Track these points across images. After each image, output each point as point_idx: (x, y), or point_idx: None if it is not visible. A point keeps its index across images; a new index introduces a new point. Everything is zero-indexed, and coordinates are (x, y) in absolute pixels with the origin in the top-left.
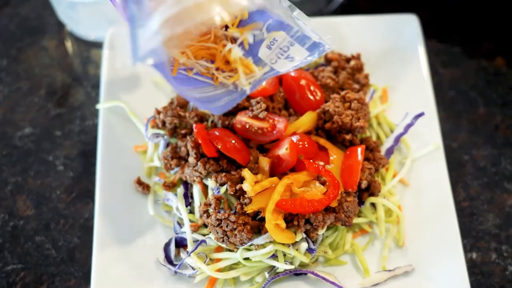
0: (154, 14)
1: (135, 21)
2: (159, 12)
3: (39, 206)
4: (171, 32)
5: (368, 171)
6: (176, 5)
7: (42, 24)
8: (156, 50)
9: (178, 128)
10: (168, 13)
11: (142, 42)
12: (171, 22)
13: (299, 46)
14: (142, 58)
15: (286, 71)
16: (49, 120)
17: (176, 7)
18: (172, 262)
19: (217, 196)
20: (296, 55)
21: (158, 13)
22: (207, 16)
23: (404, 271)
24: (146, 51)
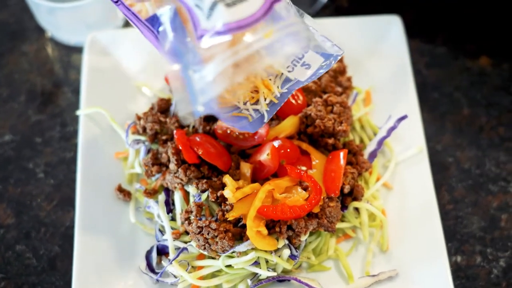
0: (209, 63)
1: (189, 67)
2: (216, 62)
3: (20, 214)
4: (230, 82)
5: (351, 176)
6: (232, 57)
7: (21, 29)
8: (213, 100)
9: (159, 134)
10: (225, 65)
11: (199, 92)
12: (229, 73)
13: (313, 52)
14: (203, 110)
15: (306, 81)
16: (29, 127)
17: (233, 57)
18: (154, 270)
19: (198, 203)
20: (312, 61)
21: (214, 62)
22: (263, 65)
23: (388, 276)
24: (205, 101)
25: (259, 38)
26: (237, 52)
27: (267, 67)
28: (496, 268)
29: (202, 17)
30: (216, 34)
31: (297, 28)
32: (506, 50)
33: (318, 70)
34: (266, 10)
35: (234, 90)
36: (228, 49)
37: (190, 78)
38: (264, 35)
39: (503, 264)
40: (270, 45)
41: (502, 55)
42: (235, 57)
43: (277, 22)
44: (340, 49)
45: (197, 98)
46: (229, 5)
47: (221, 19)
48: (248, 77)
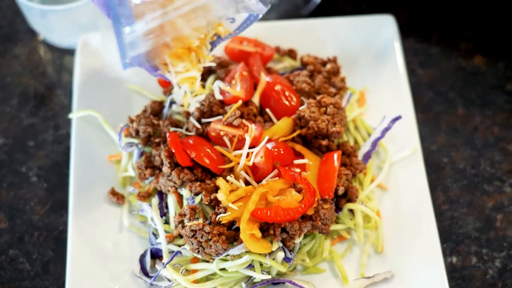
0: (140, 20)
1: (119, 20)
2: (146, 20)
3: (13, 218)
4: (156, 42)
5: (345, 177)
6: (162, 16)
7: (13, 31)
8: (142, 56)
9: (152, 136)
10: (155, 23)
11: (128, 46)
12: (158, 31)
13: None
14: (130, 63)
15: (230, 35)
16: (22, 130)
17: (162, 18)
18: (148, 274)
19: (191, 206)
20: (237, 16)
21: (144, 20)
22: (192, 27)
23: (383, 278)
24: (133, 55)
25: (188, 0)
26: (168, 12)
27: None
28: (492, 269)
29: None
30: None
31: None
32: (500, 48)
33: (242, 25)
34: None
35: (161, 49)
36: (159, 8)
37: (121, 32)
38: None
39: (499, 265)
40: (199, 8)
41: (496, 54)
42: (165, 16)
43: None
44: (265, 6)
45: (126, 51)
46: None
47: None
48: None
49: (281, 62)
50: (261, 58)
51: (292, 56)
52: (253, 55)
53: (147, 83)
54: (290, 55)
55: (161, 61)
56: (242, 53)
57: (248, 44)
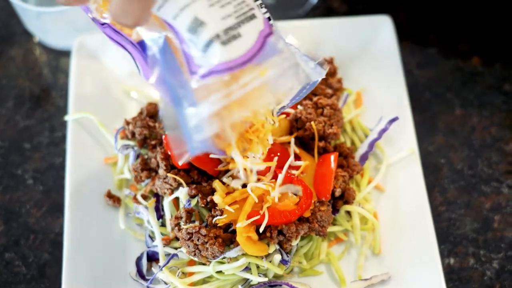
0: (204, 101)
1: (181, 102)
2: (211, 100)
3: (9, 221)
4: (223, 123)
5: (342, 179)
6: (228, 96)
7: (8, 33)
8: (209, 139)
9: (148, 139)
10: (221, 103)
11: (193, 130)
12: (224, 113)
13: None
14: (198, 147)
15: (289, 104)
16: (18, 132)
17: (228, 98)
18: (144, 276)
19: (188, 208)
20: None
21: (209, 101)
22: (260, 105)
23: (380, 280)
24: (200, 139)
25: (254, 76)
26: (233, 92)
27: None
28: (490, 270)
29: (196, 52)
30: (212, 73)
31: (292, 61)
32: (498, 49)
33: (300, 92)
34: (260, 45)
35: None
36: (223, 88)
37: (184, 113)
38: (260, 73)
39: (496, 266)
40: (266, 82)
41: (494, 54)
42: (230, 97)
43: (271, 57)
44: (323, 70)
45: (192, 135)
46: (225, 43)
47: (217, 58)
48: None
49: None
50: None
51: None
52: None
53: (143, 85)
54: None
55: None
56: None
57: None
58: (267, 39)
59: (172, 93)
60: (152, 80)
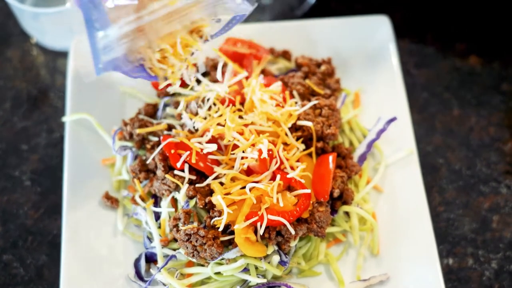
0: (114, 24)
1: (93, 24)
2: (119, 24)
3: (6, 223)
4: (132, 45)
5: (340, 179)
6: (136, 21)
7: (6, 34)
8: (118, 59)
9: (146, 139)
10: (129, 27)
11: (102, 51)
12: (132, 35)
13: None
14: (104, 68)
15: (216, 35)
16: (15, 134)
17: (137, 22)
18: (143, 278)
19: (186, 210)
20: (222, 15)
21: (118, 25)
22: (168, 30)
23: (379, 280)
24: (107, 60)
25: (164, 3)
26: (142, 17)
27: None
28: (488, 270)
29: None
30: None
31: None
32: (495, 48)
33: (227, 24)
34: None
35: (138, 51)
36: (133, 12)
37: (94, 36)
38: (170, 1)
39: (495, 266)
40: (175, 12)
41: (492, 54)
42: (139, 21)
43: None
44: (250, 5)
45: (99, 56)
46: None
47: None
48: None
49: (276, 63)
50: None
51: (287, 57)
52: (247, 56)
53: (140, 86)
54: (284, 56)
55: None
56: (236, 55)
57: (242, 45)
58: None
59: (85, 15)
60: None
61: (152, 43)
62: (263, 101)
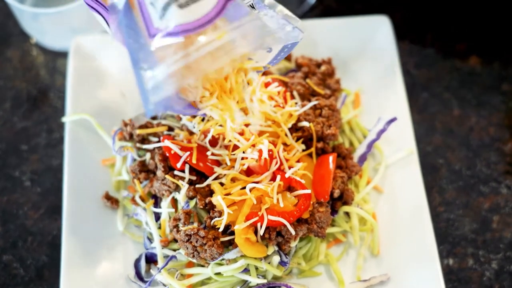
0: (161, 63)
1: (140, 65)
2: (167, 63)
3: (6, 223)
4: (180, 84)
5: (340, 180)
6: (184, 58)
7: (5, 35)
8: (168, 98)
9: (146, 140)
10: (177, 65)
11: (150, 92)
12: (180, 74)
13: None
14: (155, 109)
15: (268, 64)
16: (15, 134)
17: (184, 60)
18: (143, 278)
19: (186, 210)
20: (273, 45)
21: (166, 63)
22: (216, 67)
23: (379, 281)
24: (156, 100)
25: (211, 39)
26: (189, 54)
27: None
28: (489, 271)
29: (155, 15)
30: (169, 35)
31: (250, 27)
32: (496, 49)
33: (279, 54)
34: (220, 10)
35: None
36: (180, 50)
37: (141, 76)
38: (217, 36)
39: (495, 267)
40: (222, 47)
41: (492, 54)
42: (187, 58)
43: (232, 21)
44: (300, 31)
45: (148, 97)
46: (182, 6)
47: (174, 20)
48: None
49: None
50: None
51: (287, 57)
52: None
53: None
54: None
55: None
56: None
57: None
58: (228, 3)
59: (132, 56)
60: (117, 39)
61: (200, 80)
62: (262, 101)
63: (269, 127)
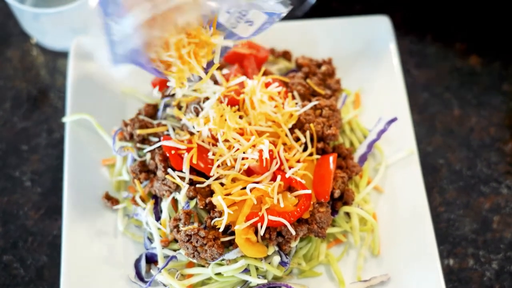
0: (128, 15)
1: (110, 16)
2: (134, 15)
3: (6, 224)
4: (147, 36)
5: (341, 180)
6: (151, 10)
7: (6, 34)
8: (132, 52)
9: (146, 140)
10: (144, 17)
11: (117, 42)
12: (147, 26)
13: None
14: (120, 60)
15: (248, 37)
16: (15, 134)
17: (151, 11)
18: (143, 279)
19: (186, 210)
20: (255, 19)
21: (132, 15)
22: (183, 20)
23: (380, 281)
24: (122, 51)
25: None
26: (157, 5)
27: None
28: (489, 271)
29: None
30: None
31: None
32: (496, 48)
33: (261, 27)
34: None
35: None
36: (148, 2)
37: (110, 28)
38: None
39: (496, 267)
40: (190, 1)
41: (492, 54)
42: (154, 10)
43: None
44: (284, 6)
45: (115, 48)
46: None
47: None
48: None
49: (276, 64)
50: (256, 60)
51: (287, 57)
52: (248, 57)
53: (141, 86)
54: (285, 56)
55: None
56: (236, 55)
57: (242, 46)
58: None
59: (103, 9)
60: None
61: (166, 34)
62: (262, 101)
63: (269, 127)
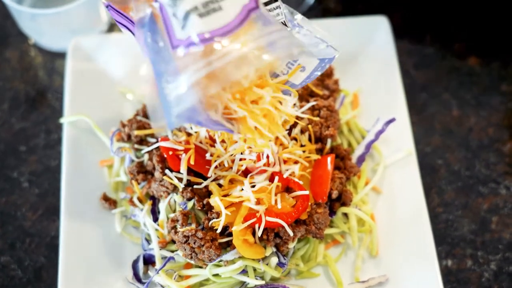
0: (182, 74)
1: (163, 77)
2: (189, 73)
3: (4, 225)
4: (203, 93)
5: (338, 181)
6: (206, 67)
7: (3, 35)
8: (191, 109)
9: (144, 141)
10: (199, 75)
11: (173, 103)
12: (203, 84)
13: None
14: (178, 122)
15: (300, 84)
16: (13, 135)
17: (206, 68)
18: (141, 280)
19: (184, 211)
20: (307, 64)
21: (187, 74)
22: (240, 75)
23: (378, 282)
24: (178, 112)
25: (233, 47)
26: (211, 63)
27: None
28: (487, 272)
29: (177, 26)
30: (190, 45)
31: (276, 36)
32: (495, 49)
33: (313, 72)
34: (243, 19)
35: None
36: (202, 59)
37: (164, 89)
38: (241, 44)
39: (494, 268)
40: (246, 55)
41: (491, 54)
42: (209, 67)
43: (259, 30)
44: (335, 50)
45: (171, 109)
46: (202, 15)
47: (195, 29)
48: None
49: None
50: None
51: None
52: None
53: (139, 87)
54: None
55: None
56: None
57: None
58: (251, 12)
59: (155, 69)
60: (145, 53)
61: (224, 89)
62: None
63: None
